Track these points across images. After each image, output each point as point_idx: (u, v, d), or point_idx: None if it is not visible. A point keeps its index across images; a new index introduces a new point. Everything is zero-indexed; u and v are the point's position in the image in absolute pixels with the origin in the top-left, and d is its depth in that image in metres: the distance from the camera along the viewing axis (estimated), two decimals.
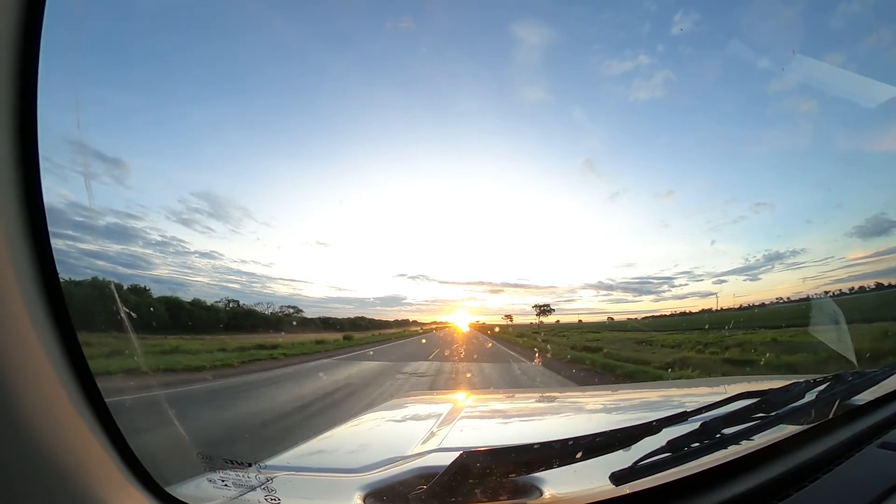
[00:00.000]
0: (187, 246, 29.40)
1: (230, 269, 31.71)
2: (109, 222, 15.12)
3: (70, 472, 0.57)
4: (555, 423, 1.62)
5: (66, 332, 0.61)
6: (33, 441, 0.53)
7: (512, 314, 41.33)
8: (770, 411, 0.92)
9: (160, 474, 0.72)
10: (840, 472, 0.83)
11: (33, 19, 0.57)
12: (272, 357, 13.20)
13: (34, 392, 0.55)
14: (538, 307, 39.49)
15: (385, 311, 41.63)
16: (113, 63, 22.12)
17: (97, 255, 5.11)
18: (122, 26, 18.42)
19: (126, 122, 25.86)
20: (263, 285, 32.40)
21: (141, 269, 21.98)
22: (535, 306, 39.91)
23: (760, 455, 0.83)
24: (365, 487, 0.84)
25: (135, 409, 1.07)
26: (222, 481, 0.81)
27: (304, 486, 0.94)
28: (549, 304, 39.74)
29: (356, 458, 1.12)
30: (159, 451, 0.79)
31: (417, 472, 0.88)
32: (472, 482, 0.74)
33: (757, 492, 0.75)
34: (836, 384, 1.11)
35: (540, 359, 13.14)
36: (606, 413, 1.78)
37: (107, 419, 0.64)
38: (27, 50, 0.57)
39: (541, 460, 0.75)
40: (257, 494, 0.80)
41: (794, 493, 0.76)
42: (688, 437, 0.79)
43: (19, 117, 0.57)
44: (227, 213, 35.76)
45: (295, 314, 26.92)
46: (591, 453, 0.75)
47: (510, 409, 1.96)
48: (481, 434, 1.52)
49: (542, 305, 39.40)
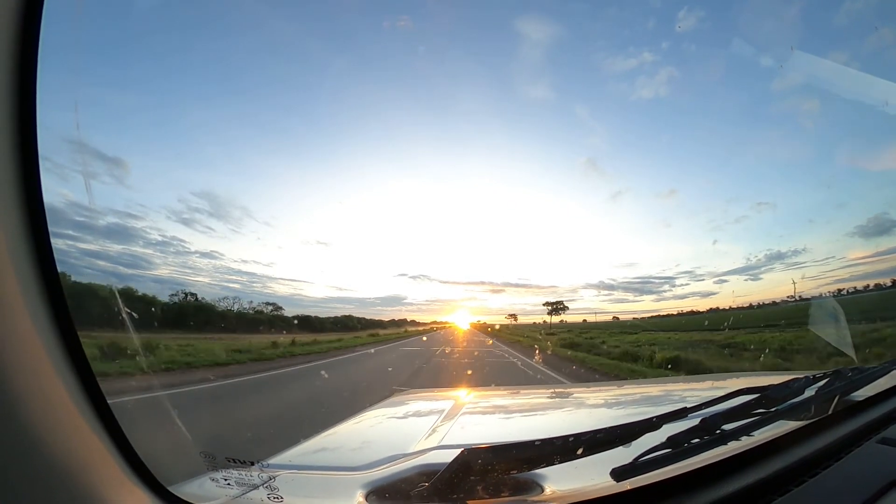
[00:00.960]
0: (188, 246, 29.35)
1: (231, 268, 31.64)
2: (110, 222, 14.84)
3: (73, 473, 0.57)
4: (556, 419, 1.63)
5: (67, 332, 0.61)
6: (36, 441, 0.53)
7: (516, 313, 40.66)
8: (770, 407, 0.92)
9: (162, 473, 0.72)
10: (840, 468, 0.84)
11: (32, 19, 0.57)
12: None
13: (36, 392, 0.55)
14: (549, 305, 38.71)
15: (386, 310, 41.70)
16: (112, 62, 22.12)
17: (98, 255, 5.08)
18: (122, 25, 18.40)
19: (126, 121, 25.86)
20: (264, 285, 32.33)
21: (142, 268, 21.74)
22: (546, 304, 39.12)
23: (760, 451, 0.83)
24: (367, 485, 0.84)
25: (135, 408, 1.06)
26: (225, 480, 0.82)
27: (306, 484, 0.95)
28: (561, 301, 38.96)
29: (358, 456, 1.12)
30: (160, 450, 0.79)
31: (419, 469, 0.88)
32: (474, 479, 0.75)
33: (757, 487, 0.75)
34: (836, 380, 1.12)
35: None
36: (607, 409, 1.79)
37: (109, 419, 0.65)
38: (26, 50, 0.57)
39: (542, 457, 0.76)
40: (260, 493, 0.80)
41: (794, 489, 0.76)
42: (688, 433, 0.79)
43: (19, 117, 0.57)
44: (228, 212, 35.79)
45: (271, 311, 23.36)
46: (591, 449, 0.75)
47: (511, 405, 1.97)
48: (482, 431, 1.52)
49: (555, 303, 38.67)
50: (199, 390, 7.62)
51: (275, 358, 12.92)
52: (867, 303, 16.13)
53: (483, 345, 22.75)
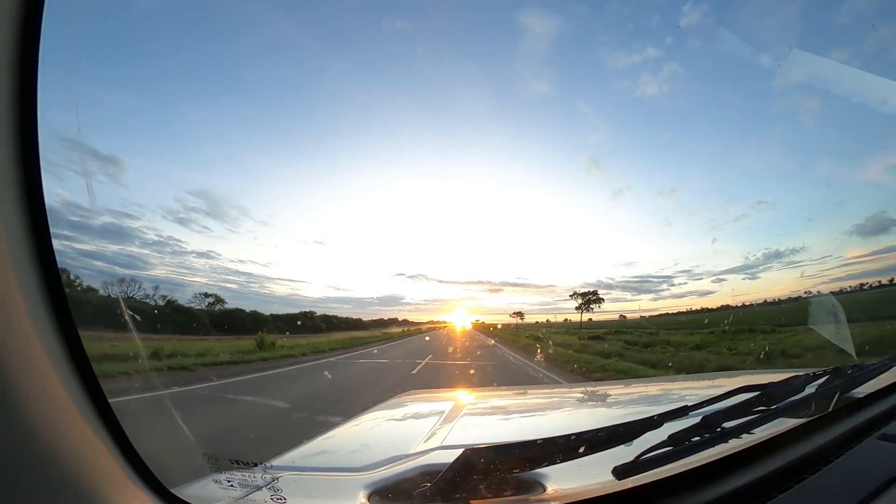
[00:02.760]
0: (184, 245, 29.09)
1: (228, 268, 31.40)
2: (106, 222, 14.15)
3: (75, 474, 0.57)
4: (557, 418, 1.63)
5: (68, 333, 0.61)
6: (37, 443, 0.53)
7: (521, 311, 39.33)
8: (770, 405, 0.92)
9: (165, 476, 0.72)
10: (840, 465, 0.84)
11: (32, 19, 0.57)
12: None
13: (38, 394, 0.55)
14: (579, 295, 33.06)
15: (384, 310, 41.58)
16: (109, 61, 21.99)
17: (94, 256, 5.00)
18: (119, 25, 18.29)
19: (122, 120, 25.66)
20: (262, 285, 32.11)
21: (138, 269, 21.39)
22: (573, 294, 33.82)
23: (761, 448, 0.84)
24: (369, 486, 0.84)
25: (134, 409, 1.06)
26: (228, 482, 0.82)
27: (308, 485, 0.95)
28: (595, 291, 34.08)
29: (360, 457, 1.12)
30: (160, 450, 0.79)
31: (421, 469, 0.88)
32: (476, 479, 0.75)
33: (758, 484, 0.75)
34: (836, 377, 1.12)
35: None
36: (608, 408, 1.79)
37: (111, 420, 0.65)
38: (26, 49, 0.57)
39: (544, 456, 0.76)
40: (263, 494, 0.80)
41: (794, 486, 0.77)
42: (689, 430, 0.79)
43: (20, 116, 0.57)
44: (224, 211, 35.62)
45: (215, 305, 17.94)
46: (593, 448, 0.75)
47: (512, 405, 1.97)
48: (484, 431, 1.52)
49: (589, 293, 33.49)
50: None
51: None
52: (866, 301, 15.91)
53: (485, 352, 16.28)
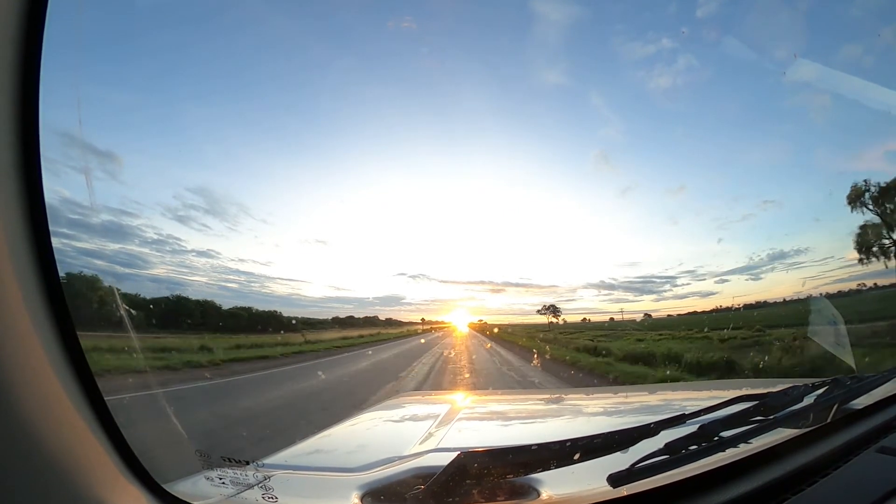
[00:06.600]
0: (184, 244, 29.01)
1: (228, 268, 31.32)
2: (105, 220, 14.30)
3: (68, 470, 0.57)
4: (553, 424, 1.62)
5: (65, 330, 0.61)
6: (32, 438, 0.53)
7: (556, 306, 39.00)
8: (768, 415, 0.92)
9: (158, 471, 0.72)
10: (838, 477, 0.83)
11: (35, 17, 0.57)
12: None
13: (33, 390, 0.55)
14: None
15: (384, 310, 41.46)
16: (107, 58, 21.91)
17: (94, 254, 4.99)
18: (119, 21, 18.25)
19: (120, 116, 25.49)
20: (262, 285, 32.05)
21: (138, 268, 21.46)
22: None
23: (758, 458, 0.83)
24: (362, 487, 0.84)
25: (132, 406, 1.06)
26: (220, 479, 0.81)
27: (301, 484, 0.94)
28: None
29: (354, 458, 1.12)
30: (157, 448, 0.79)
31: (415, 472, 0.88)
32: (470, 482, 0.74)
33: (754, 495, 0.75)
34: (835, 388, 1.11)
35: None
36: (605, 415, 1.78)
37: (105, 417, 0.65)
38: (29, 48, 0.57)
39: (539, 461, 0.75)
40: (255, 493, 0.80)
41: (791, 497, 0.76)
42: (686, 439, 0.79)
43: (21, 114, 0.57)
44: (224, 209, 35.47)
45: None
46: (588, 455, 0.75)
47: (508, 410, 1.96)
48: (479, 435, 1.52)
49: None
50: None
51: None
52: (870, 302, 15.64)
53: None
